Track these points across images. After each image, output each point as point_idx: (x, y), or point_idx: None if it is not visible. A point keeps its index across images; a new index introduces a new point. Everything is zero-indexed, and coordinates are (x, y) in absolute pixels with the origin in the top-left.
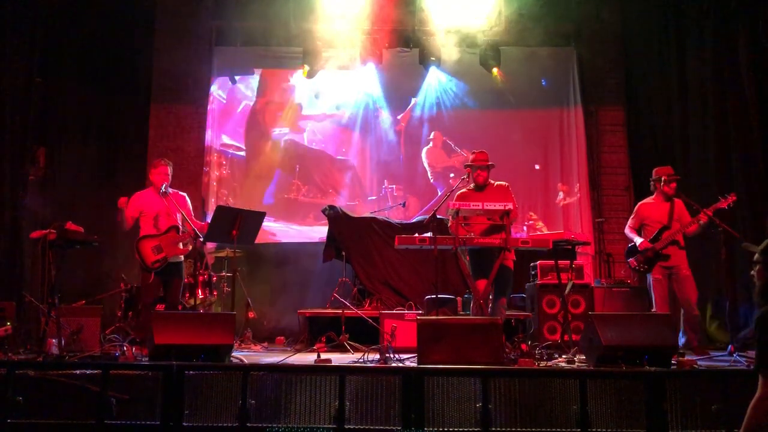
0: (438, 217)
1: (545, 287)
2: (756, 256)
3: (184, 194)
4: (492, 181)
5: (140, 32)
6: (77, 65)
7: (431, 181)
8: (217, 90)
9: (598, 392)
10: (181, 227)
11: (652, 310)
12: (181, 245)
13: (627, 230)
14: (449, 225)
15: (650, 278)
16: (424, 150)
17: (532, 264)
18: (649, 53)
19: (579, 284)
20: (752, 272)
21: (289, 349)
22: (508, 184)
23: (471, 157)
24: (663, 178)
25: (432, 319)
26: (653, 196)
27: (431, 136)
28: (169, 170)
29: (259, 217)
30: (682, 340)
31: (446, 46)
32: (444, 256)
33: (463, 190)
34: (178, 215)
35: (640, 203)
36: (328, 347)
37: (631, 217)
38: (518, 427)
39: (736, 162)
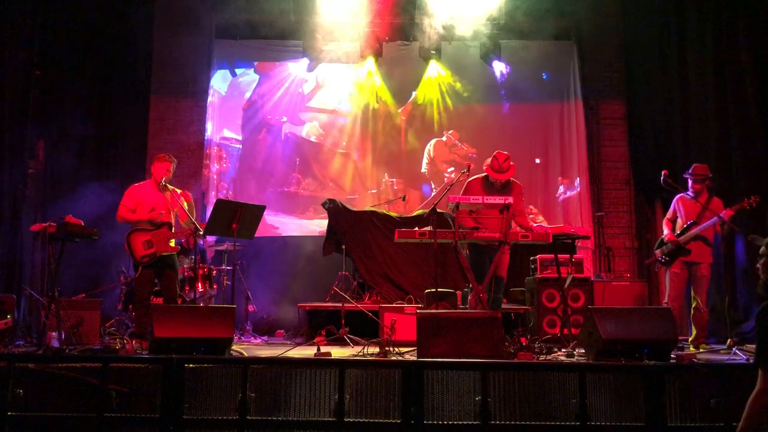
0: (438, 210)
1: (545, 281)
2: (762, 249)
3: (190, 194)
4: (512, 179)
5: (140, 25)
6: (76, 58)
7: (424, 171)
8: (217, 83)
9: (597, 386)
10: (174, 224)
11: (664, 302)
12: (172, 243)
13: (664, 221)
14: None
15: (669, 271)
16: (434, 141)
17: (531, 258)
18: (650, 46)
19: (578, 278)
20: (758, 265)
21: (288, 342)
22: (522, 186)
23: (493, 163)
24: (691, 175)
25: (431, 313)
26: (690, 191)
27: (449, 132)
28: (172, 167)
29: (259, 210)
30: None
31: (446, 40)
32: (444, 250)
33: (478, 176)
34: (173, 212)
35: (678, 195)
36: (328, 341)
37: (670, 209)
38: (517, 421)
39: (736, 155)
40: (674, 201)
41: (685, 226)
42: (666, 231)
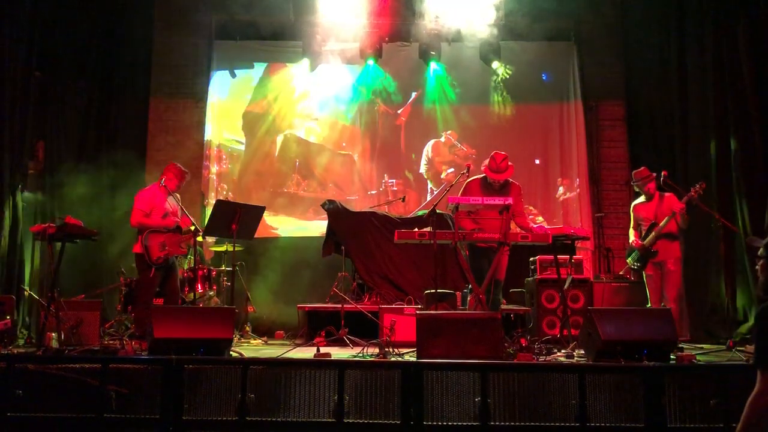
0: (438, 211)
1: (544, 282)
2: (761, 250)
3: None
4: (510, 179)
5: (139, 26)
6: (76, 59)
7: (422, 172)
8: (217, 84)
9: (597, 387)
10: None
11: (647, 305)
12: (182, 246)
13: (630, 231)
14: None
15: (644, 275)
16: (432, 142)
17: (531, 259)
18: (649, 47)
19: (578, 279)
20: (757, 266)
21: (288, 343)
22: (521, 186)
23: (491, 163)
24: (637, 182)
25: (431, 314)
26: (642, 196)
27: (448, 132)
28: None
29: (259, 211)
30: None
31: (446, 40)
32: (443, 251)
33: (476, 177)
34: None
35: (633, 204)
36: (328, 341)
37: (631, 219)
38: (517, 422)
39: (735, 156)
40: (631, 210)
41: (647, 228)
42: (633, 238)
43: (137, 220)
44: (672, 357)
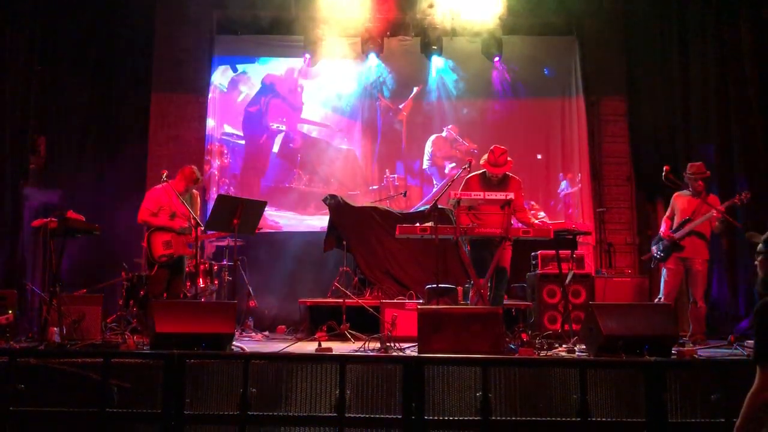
0: (439, 206)
1: (546, 277)
2: (760, 246)
3: (197, 192)
4: (509, 174)
5: (141, 20)
6: (78, 53)
7: (425, 168)
8: (218, 79)
9: (598, 382)
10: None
11: (659, 297)
12: (189, 247)
13: (663, 219)
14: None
15: (664, 267)
16: (433, 137)
17: (533, 254)
18: (652, 43)
19: (580, 274)
20: (755, 262)
21: (290, 338)
22: (521, 181)
23: (489, 157)
24: (691, 175)
25: (432, 309)
26: (689, 189)
27: (449, 127)
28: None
29: (260, 206)
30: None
31: (448, 35)
32: (445, 246)
33: (475, 173)
34: (189, 216)
35: (675, 194)
36: (329, 336)
37: (669, 207)
38: (518, 416)
39: (737, 152)
40: (672, 199)
41: (680, 222)
42: (663, 228)
43: (142, 218)
44: (673, 352)
